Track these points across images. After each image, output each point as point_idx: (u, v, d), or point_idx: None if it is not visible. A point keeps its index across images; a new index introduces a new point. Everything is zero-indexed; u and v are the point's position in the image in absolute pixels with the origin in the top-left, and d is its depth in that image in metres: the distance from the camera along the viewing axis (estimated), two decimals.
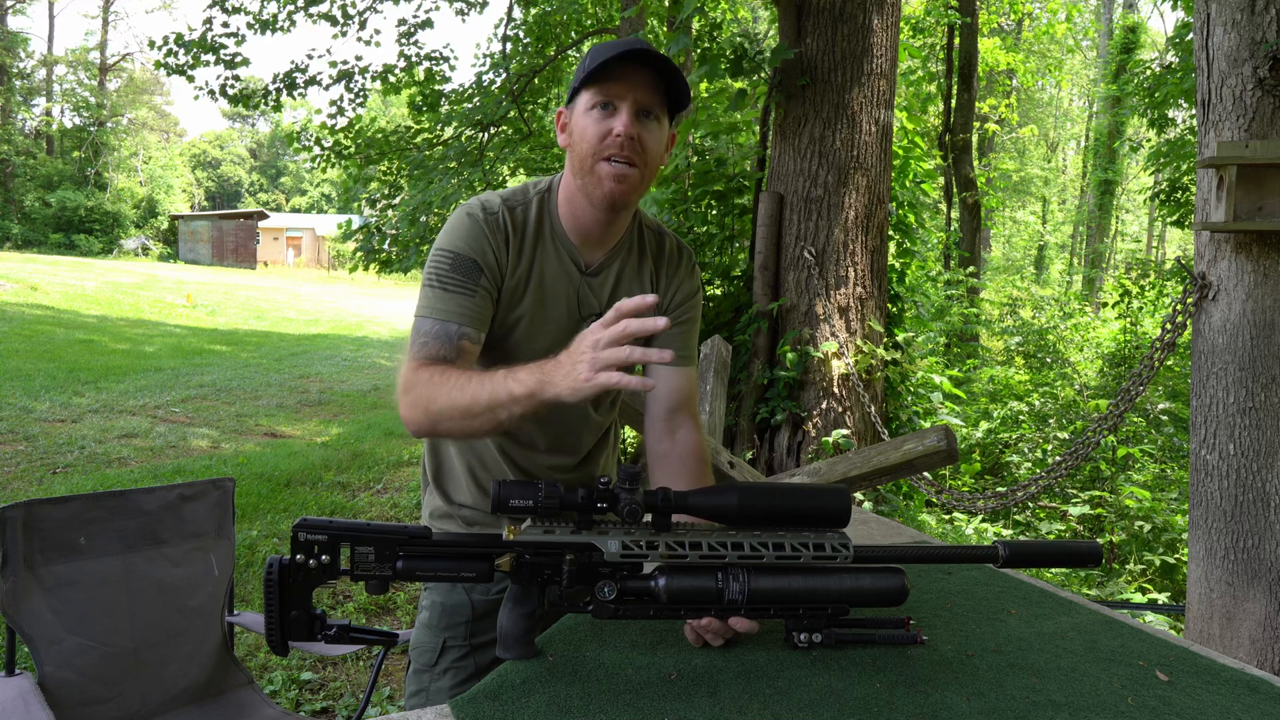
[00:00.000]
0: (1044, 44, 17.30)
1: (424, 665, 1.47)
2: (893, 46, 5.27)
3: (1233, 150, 2.63)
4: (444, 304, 1.30)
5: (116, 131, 39.02)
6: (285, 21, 8.80)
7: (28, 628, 1.87)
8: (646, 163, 1.31)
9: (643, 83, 1.28)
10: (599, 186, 1.31)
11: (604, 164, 1.29)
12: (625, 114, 1.28)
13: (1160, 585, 4.81)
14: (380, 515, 5.37)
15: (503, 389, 1.16)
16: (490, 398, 1.17)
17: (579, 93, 1.31)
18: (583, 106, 1.31)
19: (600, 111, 1.29)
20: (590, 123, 1.29)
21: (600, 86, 1.28)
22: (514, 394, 1.15)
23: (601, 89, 1.28)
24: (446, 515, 1.51)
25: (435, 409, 1.22)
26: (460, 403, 1.19)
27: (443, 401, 1.21)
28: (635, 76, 1.28)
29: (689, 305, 1.52)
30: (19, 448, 6.05)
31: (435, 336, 1.29)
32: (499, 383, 1.17)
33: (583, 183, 1.33)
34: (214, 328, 14.88)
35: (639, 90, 1.28)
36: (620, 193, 1.31)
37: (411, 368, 1.28)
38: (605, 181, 1.30)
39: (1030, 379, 8.49)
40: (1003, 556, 1.14)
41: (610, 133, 1.28)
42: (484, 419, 1.19)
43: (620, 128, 1.27)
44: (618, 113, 1.28)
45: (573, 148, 1.33)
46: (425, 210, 7.12)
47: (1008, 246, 29.12)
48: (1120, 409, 3.67)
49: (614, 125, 1.28)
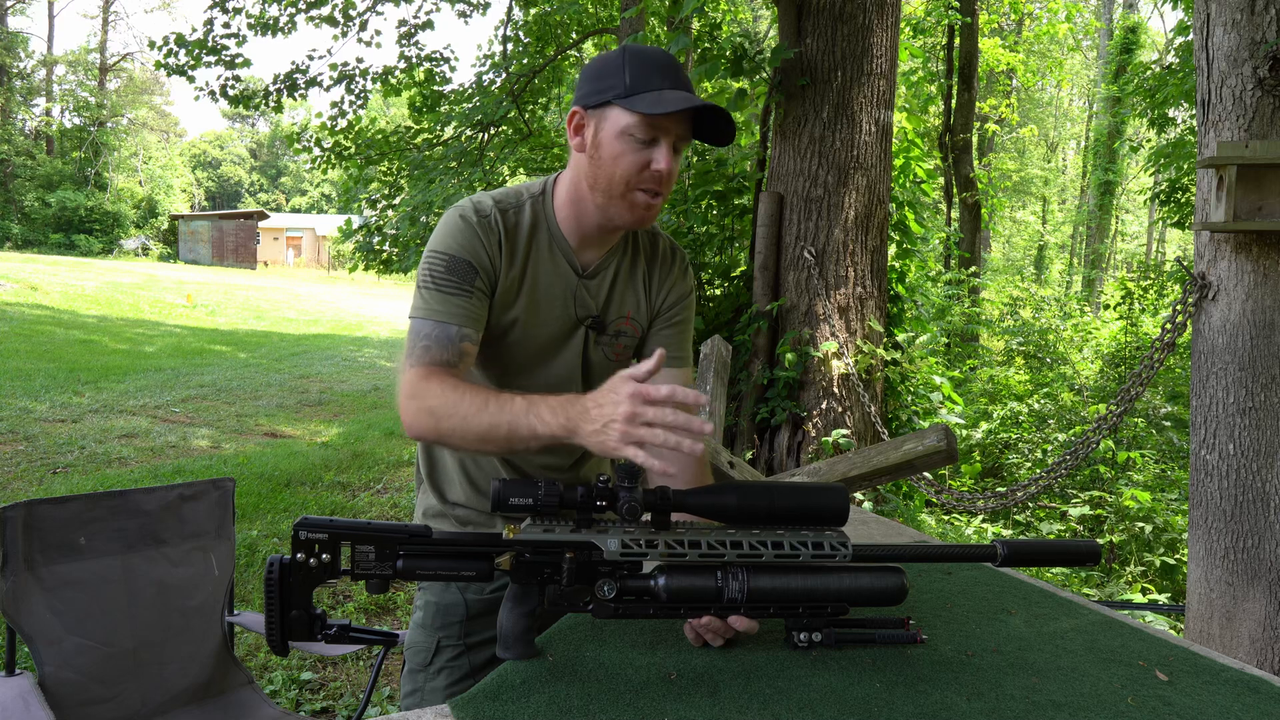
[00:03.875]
0: (1044, 44, 17.29)
1: (419, 665, 1.47)
2: (893, 46, 5.27)
3: (1233, 150, 2.63)
4: (442, 305, 1.30)
5: (116, 132, 39.01)
6: (286, 23, 8.80)
7: (28, 628, 1.87)
8: (669, 190, 1.33)
9: (685, 118, 1.28)
10: (630, 212, 1.32)
11: (639, 194, 1.30)
12: (666, 151, 1.27)
13: (1160, 585, 4.81)
14: (380, 515, 5.37)
15: (524, 424, 1.16)
16: (510, 429, 1.17)
17: (612, 106, 1.27)
18: (618, 127, 1.27)
19: (639, 141, 1.27)
20: (627, 149, 1.27)
21: (648, 119, 1.26)
22: (537, 433, 1.15)
23: (650, 122, 1.26)
24: (440, 514, 1.51)
25: (447, 427, 1.22)
26: (476, 428, 1.19)
27: (456, 421, 1.21)
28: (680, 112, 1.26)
29: (682, 306, 1.51)
30: (19, 448, 6.05)
31: (435, 339, 1.28)
32: (520, 416, 1.16)
33: (606, 203, 1.32)
34: (214, 328, 14.88)
35: (681, 126, 1.28)
36: (647, 220, 1.33)
37: (418, 374, 1.26)
38: (637, 210, 1.31)
39: (1030, 379, 8.49)
40: (1002, 555, 1.14)
41: (649, 165, 1.28)
42: (498, 445, 1.20)
43: (663, 165, 1.27)
44: (658, 146, 1.27)
45: (597, 164, 1.30)
46: (425, 210, 7.11)
47: (1008, 246, 29.12)
48: (1120, 409, 3.67)
49: (656, 161, 1.27)
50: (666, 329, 1.50)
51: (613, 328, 1.45)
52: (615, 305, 1.45)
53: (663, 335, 1.50)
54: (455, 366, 1.29)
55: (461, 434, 1.21)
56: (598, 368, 1.46)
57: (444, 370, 1.27)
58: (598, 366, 1.46)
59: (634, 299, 1.46)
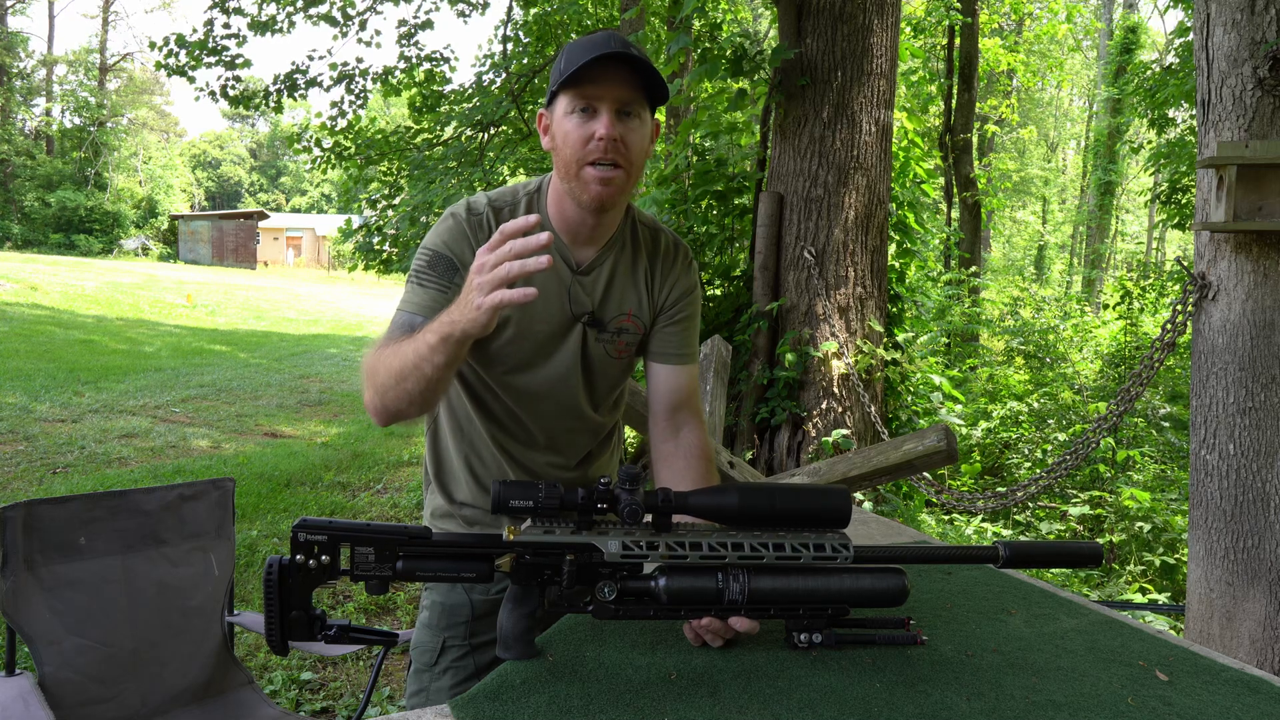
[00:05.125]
0: (1044, 44, 17.28)
1: (424, 665, 1.48)
2: (893, 46, 5.27)
3: (1233, 150, 2.63)
4: (415, 298, 1.33)
5: (116, 131, 39.01)
6: (284, 23, 8.79)
7: (28, 628, 1.87)
8: (631, 161, 1.31)
9: (619, 80, 1.28)
10: (586, 190, 1.31)
11: (589, 168, 1.30)
12: (606, 116, 1.27)
13: (1160, 585, 4.81)
14: (380, 515, 5.37)
15: (420, 342, 1.19)
16: (414, 354, 1.19)
17: (557, 95, 1.31)
18: (562, 110, 1.30)
19: (580, 115, 1.28)
20: (571, 127, 1.29)
21: (578, 90, 1.28)
22: (430, 343, 1.17)
23: (579, 92, 1.28)
24: (448, 514, 1.51)
25: (378, 383, 1.25)
26: (394, 367, 1.22)
27: (382, 373, 1.24)
28: (612, 76, 1.27)
29: (686, 302, 1.51)
30: (19, 448, 6.05)
31: (401, 327, 1.32)
32: (418, 339, 1.20)
33: (569, 186, 1.33)
34: (214, 328, 14.88)
35: (617, 89, 1.28)
36: (607, 195, 1.32)
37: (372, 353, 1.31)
38: (591, 185, 1.31)
39: (1030, 379, 8.49)
40: (1003, 557, 1.14)
41: (593, 136, 1.28)
42: (414, 379, 1.20)
43: (603, 130, 1.27)
44: (598, 115, 1.28)
45: (557, 151, 1.33)
46: (425, 210, 7.12)
47: (1008, 246, 29.13)
48: (1120, 409, 3.67)
49: (596, 129, 1.28)
50: (670, 326, 1.50)
51: (613, 325, 1.45)
52: (614, 302, 1.45)
53: (666, 332, 1.50)
54: None
55: (388, 385, 1.23)
56: (598, 365, 1.46)
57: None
58: (598, 363, 1.46)
59: (635, 296, 1.46)
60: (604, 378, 1.48)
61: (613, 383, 1.51)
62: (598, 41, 1.27)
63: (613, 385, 1.51)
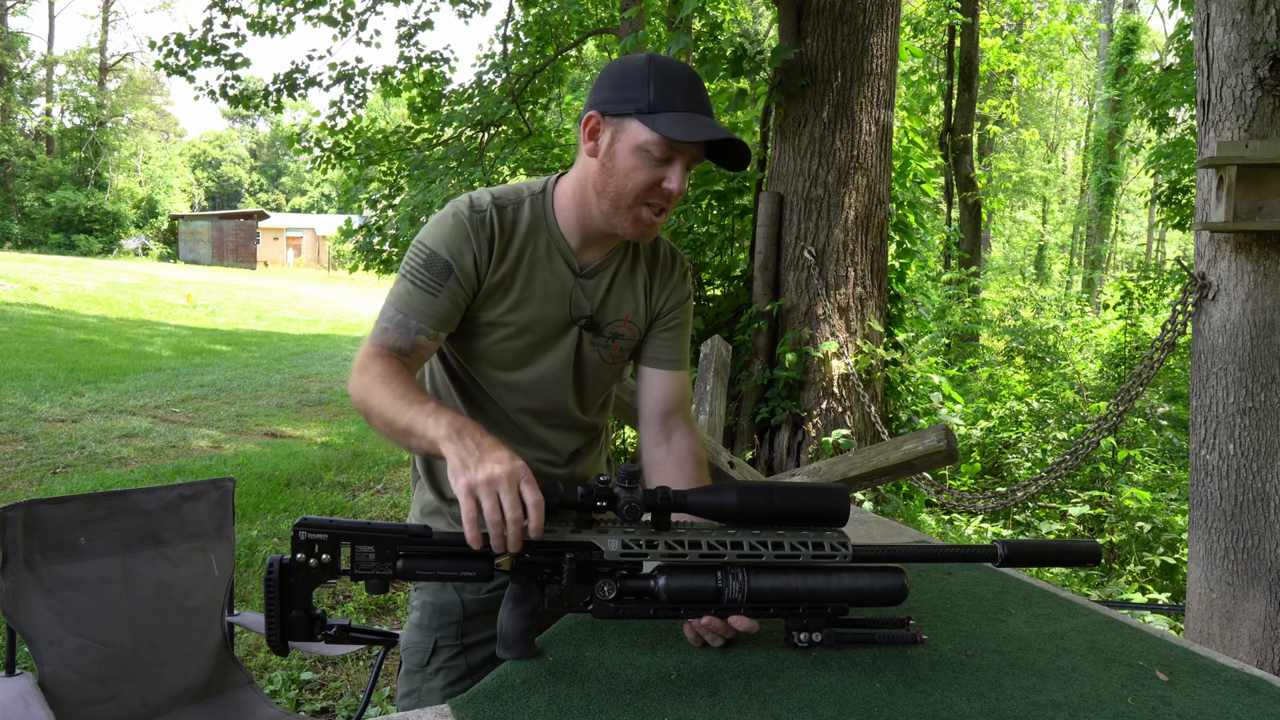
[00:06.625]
0: (1045, 44, 17.28)
1: (416, 665, 1.47)
2: (893, 46, 5.27)
3: (1233, 150, 2.63)
4: (410, 298, 1.33)
5: (116, 131, 39.00)
6: (284, 24, 8.79)
7: (28, 628, 1.87)
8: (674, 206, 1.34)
9: (703, 143, 1.29)
10: (634, 226, 1.33)
11: (645, 209, 1.31)
12: (680, 171, 1.28)
13: (1160, 585, 4.81)
14: (380, 515, 5.37)
15: (421, 422, 1.15)
16: (409, 425, 1.17)
17: (631, 118, 1.26)
18: (636, 141, 1.26)
19: (655, 159, 1.27)
20: (641, 165, 1.27)
21: (669, 142, 1.26)
22: (427, 434, 1.14)
23: (669, 144, 1.26)
24: (437, 511, 1.50)
25: (370, 404, 1.25)
26: (388, 413, 1.21)
27: (375, 403, 1.24)
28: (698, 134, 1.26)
29: (680, 310, 1.51)
30: (19, 448, 6.05)
31: (395, 326, 1.32)
32: (422, 415, 1.16)
33: (612, 212, 1.32)
34: (214, 328, 14.88)
35: (698, 150, 1.30)
36: (649, 235, 1.36)
37: (370, 352, 1.31)
38: (642, 225, 1.33)
39: (1030, 379, 8.49)
40: (1002, 556, 1.14)
41: (660, 184, 1.28)
42: (400, 437, 1.21)
43: (675, 185, 1.28)
44: (672, 165, 1.28)
45: (609, 173, 1.30)
46: (425, 210, 7.11)
47: (1008, 246, 29.12)
48: (1120, 409, 3.67)
49: (669, 180, 1.28)
50: (664, 333, 1.50)
51: (609, 329, 1.45)
52: (612, 307, 1.44)
53: (660, 338, 1.50)
54: (408, 355, 1.33)
55: (378, 414, 1.23)
56: (591, 368, 1.46)
57: (393, 355, 1.31)
58: (591, 367, 1.46)
59: (632, 302, 1.46)
60: (595, 381, 1.48)
61: (603, 387, 1.51)
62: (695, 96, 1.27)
63: (602, 389, 1.52)
